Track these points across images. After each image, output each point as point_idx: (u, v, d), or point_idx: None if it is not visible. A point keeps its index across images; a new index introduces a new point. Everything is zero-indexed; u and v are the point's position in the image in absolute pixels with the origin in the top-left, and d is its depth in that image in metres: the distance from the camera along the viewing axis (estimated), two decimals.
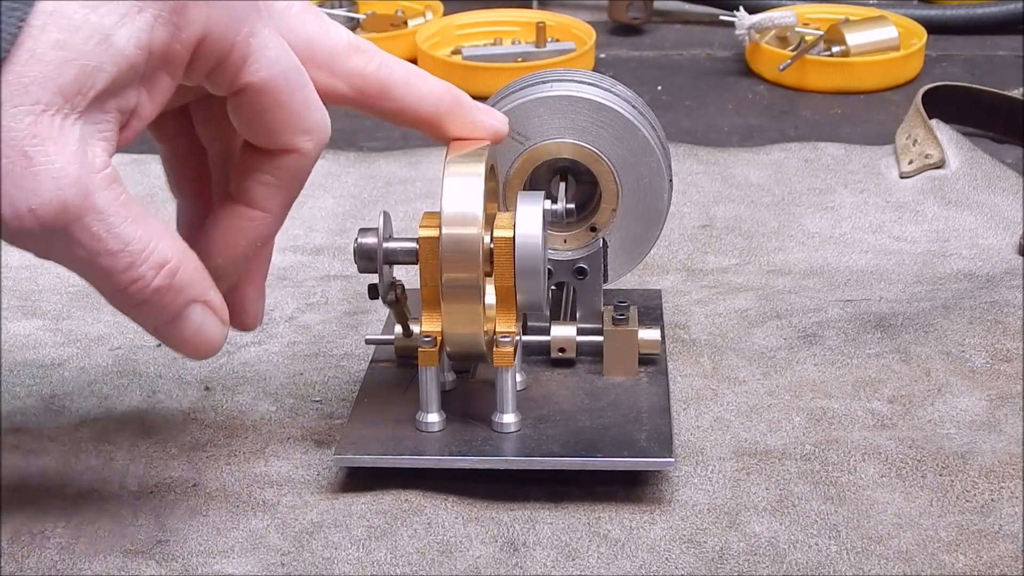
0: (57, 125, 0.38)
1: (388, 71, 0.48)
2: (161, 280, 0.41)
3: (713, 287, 0.67)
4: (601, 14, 1.14)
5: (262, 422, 0.55)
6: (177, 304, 0.43)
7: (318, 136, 0.45)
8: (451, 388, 0.54)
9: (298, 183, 0.46)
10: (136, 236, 0.40)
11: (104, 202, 0.40)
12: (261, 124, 0.44)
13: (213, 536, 0.48)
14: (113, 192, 0.40)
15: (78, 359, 0.61)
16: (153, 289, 0.41)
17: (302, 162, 0.45)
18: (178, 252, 0.42)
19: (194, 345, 0.44)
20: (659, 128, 0.57)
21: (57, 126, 0.38)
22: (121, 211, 0.40)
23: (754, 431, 0.54)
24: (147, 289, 0.41)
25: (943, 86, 0.86)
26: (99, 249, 0.40)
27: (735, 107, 0.96)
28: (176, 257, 0.42)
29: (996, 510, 0.49)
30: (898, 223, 0.74)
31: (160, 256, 0.41)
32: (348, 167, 0.82)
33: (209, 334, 0.44)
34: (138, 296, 0.41)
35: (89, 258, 0.40)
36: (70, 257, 0.40)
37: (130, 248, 0.40)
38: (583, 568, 0.47)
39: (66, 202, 0.39)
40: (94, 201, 0.39)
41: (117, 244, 0.40)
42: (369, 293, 0.51)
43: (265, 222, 0.46)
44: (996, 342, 0.59)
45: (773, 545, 0.47)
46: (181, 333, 0.43)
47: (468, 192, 0.48)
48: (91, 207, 0.39)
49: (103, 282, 0.41)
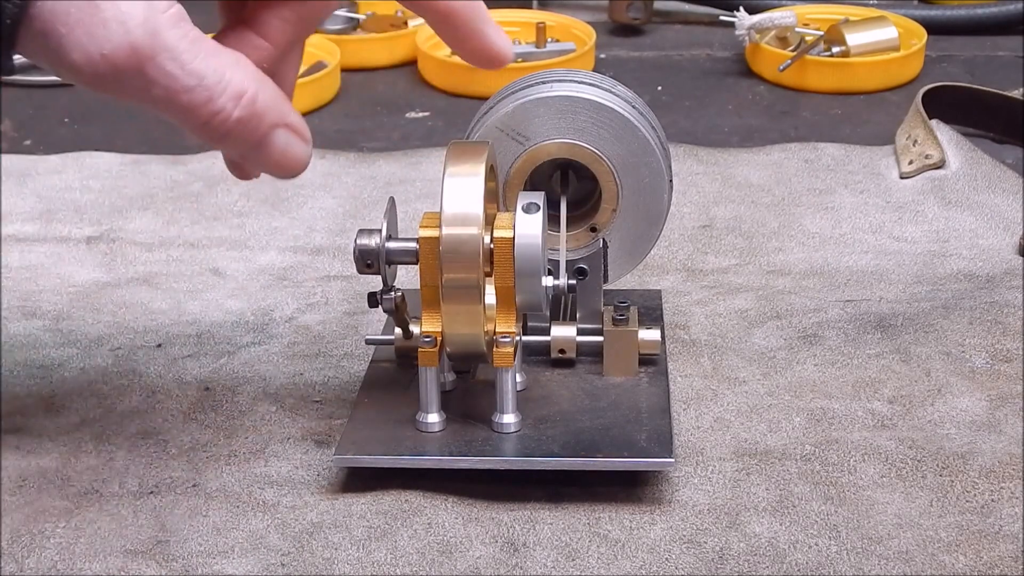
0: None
1: None
2: (241, 111, 0.43)
3: (713, 287, 0.67)
4: (601, 14, 1.14)
5: (262, 422, 0.55)
6: (261, 131, 0.44)
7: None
8: (451, 388, 0.54)
9: (311, 26, 0.47)
10: (210, 70, 0.42)
11: (173, 40, 0.41)
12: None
13: (213, 536, 0.48)
14: (181, 29, 0.41)
15: (78, 359, 0.61)
16: (235, 120, 0.43)
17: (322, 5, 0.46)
18: (254, 81, 0.43)
19: (282, 166, 0.45)
20: (659, 128, 0.57)
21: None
22: (192, 47, 0.41)
23: (754, 431, 0.54)
24: (229, 120, 0.43)
25: (943, 86, 0.86)
26: (175, 86, 0.41)
27: (735, 107, 0.96)
28: (252, 86, 0.43)
29: (996, 510, 0.49)
30: (898, 223, 0.74)
31: (237, 87, 0.42)
32: (348, 167, 0.82)
33: (295, 154, 0.45)
34: (221, 128, 0.43)
35: (168, 96, 0.41)
36: (149, 98, 0.41)
37: (206, 82, 0.42)
38: (583, 568, 0.47)
39: (135, 43, 0.40)
40: (163, 40, 0.41)
41: (192, 80, 0.41)
42: (369, 302, 0.51)
43: (270, 54, 0.47)
44: (996, 342, 0.59)
45: (773, 545, 0.47)
46: (269, 156, 0.45)
47: (468, 192, 0.48)
48: (161, 46, 0.41)
49: (186, 119, 0.42)
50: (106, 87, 0.41)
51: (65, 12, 0.40)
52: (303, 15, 0.47)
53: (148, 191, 0.79)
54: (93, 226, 0.75)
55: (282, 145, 0.45)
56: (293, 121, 0.45)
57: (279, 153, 0.45)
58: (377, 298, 0.51)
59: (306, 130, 0.46)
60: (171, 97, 0.41)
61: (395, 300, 0.51)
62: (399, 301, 0.51)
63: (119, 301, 0.66)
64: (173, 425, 0.55)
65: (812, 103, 0.96)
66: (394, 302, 0.51)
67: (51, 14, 0.40)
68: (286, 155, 0.45)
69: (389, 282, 0.51)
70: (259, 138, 0.44)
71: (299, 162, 0.46)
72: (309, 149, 0.46)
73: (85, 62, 0.40)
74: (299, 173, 0.46)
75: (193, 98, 0.42)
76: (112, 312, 0.65)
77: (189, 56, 0.41)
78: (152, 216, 0.76)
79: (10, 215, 0.76)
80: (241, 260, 0.71)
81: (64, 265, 0.71)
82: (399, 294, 0.51)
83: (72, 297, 0.67)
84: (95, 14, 0.40)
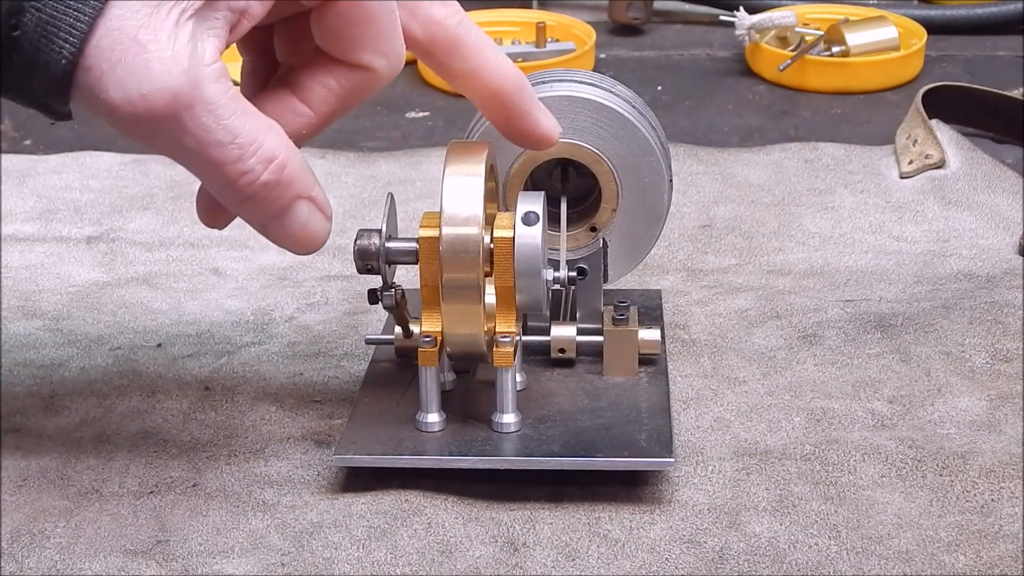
0: (173, 18, 0.40)
1: (466, 30, 0.48)
2: (270, 175, 0.42)
3: (713, 287, 0.67)
4: (601, 14, 1.14)
5: (262, 422, 0.55)
6: (285, 199, 0.43)
7: (394, 62, 0.46)
8: (451, 388, 0.54)
9: (357, 100, 0.47)
10: (245, 129, 0.42)
11: (214, 94, 0.41)
12: (345, 36, 0.45)
13: (213, 536, 0.48)
14: (222, 85, 0.41)
15: (78, 359, 0.61)
16: (262, 183, 0.42)
17: (370, 82, 0.46)
18: (285, 147, 0.43)
19: (300, 240, 0.45)
20: (659, 128, 0.57)
21: (172, 19, 0.40)
22: (230, 104, 0.41)
23: (754, 431, 0.54)
24: (256, 183, 0.42)
25: (943, 86, 0.86)
26: (208, 139, 0.41)
27: (735, 107, 0.96)
28: (284, 152, 0.43)
29: (996, 510, 0.49)
30: (898, 223, 0.74)
31: (269, 150, 0.42)
32: (348, 167, 0.82)
33: (314, 229, 0.45)
34: (247, 190, 0.42)
35: (199, 148, 0.41)
36: (179, 147, 0.41)
37: (239, 140, 0.41)
38: (583, 568, 0.47)
39: (177, 90, 0.40)
40: (204, 92, 0.40)
41: (226, 136, 0.41)
42: (369, 299, 0.51)
43: (308, 122, 0.46)
44: (996, 342, 0.59)
45: (773, 545, 0.47)
46: (288, 228, 0.44)
47: (468, 192, 0.48)
48: (201, 97, 0.40)
49: (212, 174, 0.42)
50: (140, 130, 0.41)
51: (110, 49, 0.40)
52: (348, 87, 0.46)
53: (148, 191, 0.79)
54: (93, 226, 0.75)
55: (304, 217, 0.44)
56: (317, 195, 0.45)
57: (299, 225, 0.44)
58: (377, 295, 0.51)
59: (329, 207, 0.46)
60: (203, 150, 0.41)
61: (395, 297, 0.51)
62: (399, 298, 0.51)
63: (119, 301, 0.66)
64: (173, 425, 0.55)
65: (812, 103, 0.96)
66: (394, 299, 0.51)
67: (95, 50, 0.40)
68: (306, 228, 0.45)
69: (389, 281, 0.51)
70: (282, 207, 0.44)
71: (318, 238, 0.45)
72: (329, 227, 0.46)
73: (123, 101, 0.40)
74: (314, 251, 0.46)
75: (224, 154, 0.41)
76: (112, 312, 0.65)
77: (226, 112, 0.41)
78: (152, 216, 0.76)
79: (10, 215, 0.76)
80: (241, 260, 0.71)
81: (64, 265, 0.71)
82: (399, 291, 0.51)
83: (72, 297, 0.67)
84: (140, 54, 0.40)
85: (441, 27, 0.48)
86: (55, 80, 0.40)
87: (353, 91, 0.46)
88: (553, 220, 0.55)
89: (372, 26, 0.45)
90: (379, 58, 0.46)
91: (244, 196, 0.43)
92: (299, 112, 0.46)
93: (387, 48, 0.46)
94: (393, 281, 0.51)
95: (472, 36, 0.48)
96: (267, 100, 0.46)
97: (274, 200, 0.43)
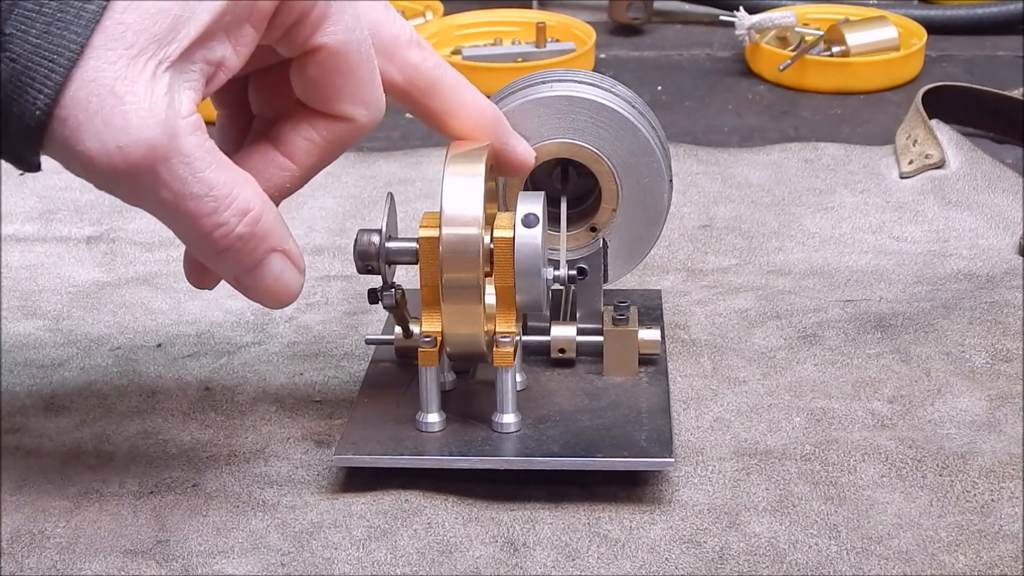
0: (149, 70, 0.40)
1: (442, 71, 0.49)
2: (244, 228, 0.42)
3: (713, 287, 0.67)
4: (601, 14, 1.14)
5: (262, 422, 0.55)
6: (259, 252, 0.44)
7: (374, 112, 0.46)
8: (451, 388, 0.54)
9: (339, 150, 0.47)
10: (220, 181, 0.41)
11: (190, 146, 0.41)
12: (325, 88, 0.45)
13: (213, 536, 0.48)
14: (199, 137, 0.41)
15: (78, 359, 0.61)
16: (236, 236, 0.42)
17: (352, 132, 0.46)
18: (260, 201, 0.43)
19: (273, 294, 0.45)
20: (659, 128, 0.57)
21: (149, 71, 0.40)
22: (207, 156, 0.41)
23: (754, 431, 0.54)
24: (231, 235, 0.42)
25: (943, 86, 0.86)
26: (184, 192, 0.41)
27: (735, 107, 0.96)
28: (258, 205, 0.43)
29: (996, 510, 0.49)
30: (898, 223, 0.74)
31: (243, 203, 0.42)
32: (348, 167, 0.82)
33: (288, 282, 0.45)
34: (222, 242, 0.42)
35: (174, 201, 0.41)
36: (154, 199, 0.41)
37: (214, 193, 0.41)
38: (583, 568, 0.47)
39: (153, 142, 0.40)
40: (180, 144, 0.40)
41: (202, 188, 0.41)
42: (369, 298, 0.51)
43: (292, 176, 0.46)
44: (996, 342, 0.59)
45: (773, 545, 0.47)
46: (262, 281, 0.44)
47: (468, 192, 0.48)
48: (178, 149, 0.40)
49: (187, 227, 0.42)
50: (115, 181, 0.41)
51: (86, 100, 0.39)
52: (330, 139, 0.46)
53: None
54: (93, 226, 0.75)
55: (277, 271, 0.44)
56: (291, 248, 0.45)
57: (272, 278, 0.45)
58: (377, 294, 0.51)
59: (302, 261, 0.46)
60: (178, 202, 0.41)
61: (395, 296, 0.51)
62: (399, 297, 0.51)
63: (119, 301, 0.66)
64: (173, 425, 0.55)
65: (812, 103, 0.96)
66: (394, 298, 0.51)
67: (71, 101, 0.39)
68: (279, 281, 0.45)
69: (389, 281, 0.51)
70: (256, 259, 0.44)
71: (291, 292, 0.45)
72: (302, 280, 0.46)
73: (100, 152, 0.40)
74: (288, 304, 0.46)
75: (200, 206, 0.41)
76: (112, 312, 0.65)
77: (203, 164, 0.41)
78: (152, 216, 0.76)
79: (10, 215, 0.76)
80: None
81: (64, 265, 0.71)
82: (399, 290, 0.51)
83: (72, 297, 0.67)
84: (117, 105, 0.39)
85: (419, 71, 0.48)
86: (29, 131, 0.40)
87: (335, 142, 0.46)
88: (553, 220, 0.55)
89: (352, 77, 0.45)
90: (360, 108, 0.46)
91: (219, 248, 0.43)
92: (282, 166, 0.46)
93: (368, 98, 0.46)
94: (393, 281, 0.51)
95: (447, 76, 0.49)
96: (250, 155, 0.46)
97: (248, 253, 0.43)
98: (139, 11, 0.40)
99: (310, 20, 0.43)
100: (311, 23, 0.43)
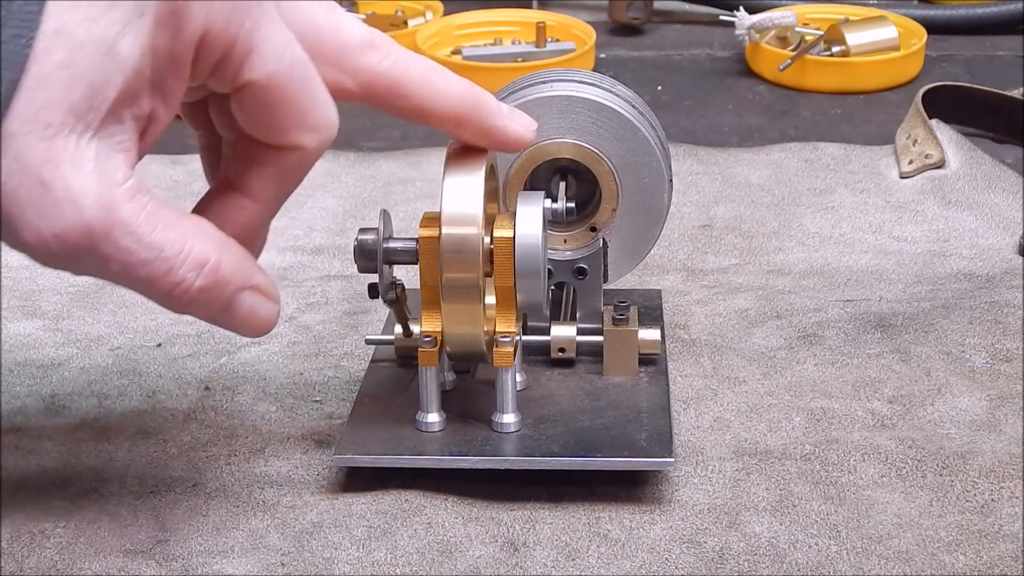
0: (72, 146, 0.38)
1: (402, 68, 0.46)
2: (204, 280, 0.42)
3: (713, 287, 0.67)
4: (601, 14, 1.14)
5: (262, 422, 0.55)
6: (224, 297, 0.43)
7: (323, 133, 0.44)
8: (451, 388, 0.54)
9: (297, 179, 0.46)
10: (169, 240, 0.40)
11: (129, 215, 0.39)
12: (264, 121, 0.43)
13: (213, 536, 0.48)
14: (138, 203, 0.40)
15: (78, 359, 0.61)
16: (197, 289, 0.42)
17: (304, 159, 0.45)
18: (216, 248, 0.42)
19: (249, 326, 0.45)
20: (659, 128, 0.57)
21: (72, 147, 0.38)
22: (149, 220, 0.40)
23: (754, 431, 0.54)
24: (192, 290, 0.42)
25: (943, 86, 0.86)
26: (132, 260, 0.40)
27: (735, 107, 0.96)
28: (215, 254, 0.42)
29: (996, 510, 0.49)
30: (898, 223, 0.74)
31: (199, 256, 0.41)
32: (348, 167, 0.82)
33: (262, 315, 0.45)
34: (184, 298, 0.42)
35: (125, 271, 0.40)
36: (105, 273, 0.40)
37: (165, 254, 0.40)
38: (583, 568, 0.47)
39: (89, 223, 0.39)
40: (119, 215, 0.39)
41: (151, 253, 0.40)
42: (369, 292, 0.51)
43: (255, 212, 0.45)
44: (996, 342, 0.59)
45: (773, 545, 0.47)
46: (235, 319, 0.44)
47: (468, 192, 0.48)
48: (117, 222, 0.39)
49: (148, 291, 0.41)
50: (60, 265, 0.40)
51: (15, 190, 0.38)
52: (282, 170, 0.45)
53: None
54: None
55: (248, 307, 0.44)
56: (260, 282, 0.44)
57: (246, 315, 0.44)
58: (378, 289, 0.51)
59: (274, 289, 0.45)
60: (128, 272, 0.40)
61: (396, 291, 0.51)
62: (399, 292, 0.51)
63: (119, 301, 0.66)
64: (173, 425, 0.55)
65: (812, 103, 0.96)
66: (395, 292, 0.51)
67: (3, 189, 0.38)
68: (253, 316, 0.44)
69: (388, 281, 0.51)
70: (225, 302, 0.43)
71: (267, 323, 0.45)
72: (277, 307, 0.45)
73: (37, 242, 0.39)
74: (267, 332, 0.45)
75: (152, 270, 0.40)
76: (112, 312, 0.65)
77: (147, 229, 0.40)
78: None
79: None
80: None
81: None
82: (399, 285, 0.51)
83: (72, 297, 0.67)
84: (46, 194, 0.38)
85: (375, 74, 0.46)
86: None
87: (288, 173, 0.45)
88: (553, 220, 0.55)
89: (290, 105, 0.43)
90: (306, 134, 0.44)
91: (183, 303, 0.42)
92: (241, 205, 0.45)
93: (313, 122, 0.44)
94: (394, 278, 0.51)
95: (410, 71, 0.46)
96: (212, 203, 0.45)
97: (215, 300, 0.43)
98: (49, 86, 0.37)
99: (234, 57, 0.41)
100: (235, 60, 0.41)
